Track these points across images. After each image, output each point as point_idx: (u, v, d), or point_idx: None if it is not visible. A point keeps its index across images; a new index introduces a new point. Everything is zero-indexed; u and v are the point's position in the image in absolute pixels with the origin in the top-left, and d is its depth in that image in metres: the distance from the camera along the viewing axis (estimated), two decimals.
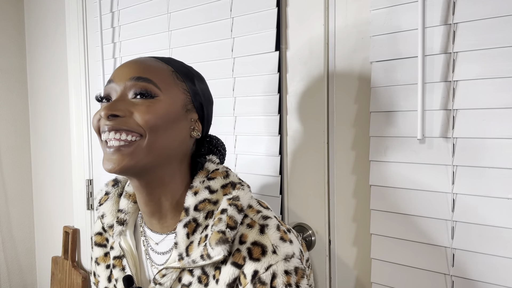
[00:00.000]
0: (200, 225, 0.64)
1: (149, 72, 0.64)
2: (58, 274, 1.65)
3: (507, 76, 0.69)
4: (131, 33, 1.29)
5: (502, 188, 0.70)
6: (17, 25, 1.79)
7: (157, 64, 0.66)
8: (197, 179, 0.68)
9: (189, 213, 0.65)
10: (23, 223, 1.83)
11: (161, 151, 0.63)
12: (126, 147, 0.61)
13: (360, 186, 0.89)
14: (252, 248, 0.60)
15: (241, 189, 0.66)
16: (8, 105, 1.77)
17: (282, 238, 0.61)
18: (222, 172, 0.69)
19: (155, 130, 0.62)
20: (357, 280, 0.91)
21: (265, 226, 0.62)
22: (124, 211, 0.75)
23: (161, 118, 0.62)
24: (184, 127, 0.66)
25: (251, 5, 1.00)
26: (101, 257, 0.79)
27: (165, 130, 0.63)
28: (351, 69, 0.89)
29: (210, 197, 0.66)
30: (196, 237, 0.64)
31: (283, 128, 0.99)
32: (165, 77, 0.65)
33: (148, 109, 0.61)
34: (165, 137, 0.63)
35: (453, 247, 0.75)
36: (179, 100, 0.66)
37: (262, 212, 0.65)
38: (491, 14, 0.70)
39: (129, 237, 0.74)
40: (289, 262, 0.60)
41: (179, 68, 0.69)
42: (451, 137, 0.75)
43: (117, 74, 0.65)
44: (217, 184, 0.67)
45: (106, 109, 0.61)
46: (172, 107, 0.64)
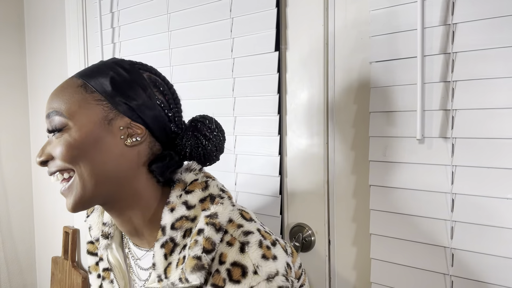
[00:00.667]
0: (178, 244, 0.61)
1: (55, 100, 0.61)
2: (58, 274, 1.65)
3: (506, 76, 0.69)
4: (131, 34, 1.29)
5: (501, 188, 0.70)
6: (17, 25, 1.79)
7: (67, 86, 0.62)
8: (174, 193, 0.63)
9: (165, 232, 0.61)
10: (23, 223, 1.83)
11: (97, 178, 0.60)
12: (66, 187, 0.61)
13: (360, 186, 0.89)
14: (231, 269, 0.56)
15: (220, 204, 0.61)
16: (8, 105, 1.77)
17: (264, 256, 0.57)
18: (201, 183, 0.64)
19: (75, 161, 0.59)
20: (356, 280, 0.91)
21: (245, 244, 0.58)
22: (107, 224, 0.73)
23: (73, 149, 0.58)
24: (111, 143, 0.60)
25: (251, 5, 1.00)
26: (93, 265, 0.77)
27: (88, 155, 0.59)
28: (350, 69, 0.89)
29: (187, 214, 0.61)
30: (174, 257, 0.60)
31: (282, 128, 0.99)
32: (70, 98, 0.60)
33: (58, 144, 0.59)
34: (94, 162, 0.59)
35: (453, 247, 0.75)
36: (93, 116, 0.59)
37: (243, 226, 0.60)
38: (490, 14, 0.70)
39: (115, 251, 0.72)
40: (272, 282, 0.56)
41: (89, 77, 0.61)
42: (451, 137, 0.75)
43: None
44: (194, 199, 0.62)
45: (36, 156, 0.61)
46: (84, 129, 0.59)
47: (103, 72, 0.62)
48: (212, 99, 1.09)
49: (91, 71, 0.62)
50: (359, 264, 0.90)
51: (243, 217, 0.62)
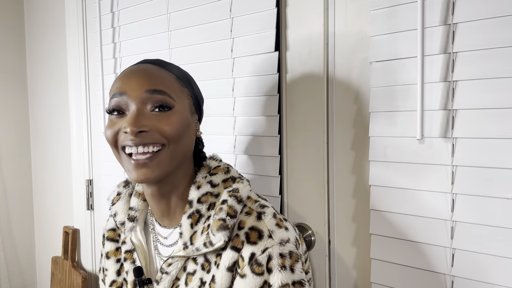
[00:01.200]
0: (203, 216, 0.69)
1: (161, 83, 0.67)
2: (58, 274, 1.65)
3: (507, 76, 0.69)
4: (131, 33, 1.29)
5: (501, 188, 0.70)
6: (17, 25, 1.79)
7: (164, 74, 0.69)
8: (200, 175, 0.73)
9: (192, 205, 0.70)
10: (23, 223, 1.83)
11: (180, 156, 0.69)
12: (151, 159, 0.65)
13: (360, 186, 0.89)
14: (249, 233, 0.64)
15: (241, 182, 0.71)
16: (8, 105, 1.77)
17: (278, 225, 0.65)
18: (223, 168, 0.74)
19: (176, 140, 0.67)
20: (356, 280, 0.91)
21: (262, 214, 0.67)
22: (134, 208, 0.79)
23: (180, 127, 0.67)
24: (192, 130, 0.72)
25: (251, 5, 1.00)
26: (112, 251, 0.83)
27: (182, 137, 0.68)
28: (350, 69, 0.89)
29: (212, 191, 0.71)
30: (200, 227, 0.68)
31: (283, 128, 0.99)
32: (174, 86, 0.69)
33: (169, 122, 0.66)
34: (183, 142, 0.69)
35: (453, 247, 0.75)
36: (187, 106, 0.71)
37: (260, 201, 0.69)
38: (490, 14, 0.70)
39: (139, 233, 0.78)
40: (284, 246, 0.63)
41: (179, 74, 0.72)
42: (451, 137, 0.75)
43: (129, 85, 0.66)
44: (218, 179, 0.72)
45: (132, 126, 0.63)
46: (184, 115, 0.69)
47: (187, 76, 0.74)
48: (212, 99, 1.09)
49: (179, 71, 0.73)
50: (359, 264, 0.90)
51: (259, 196, 0.72)
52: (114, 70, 1.36)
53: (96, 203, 1.53)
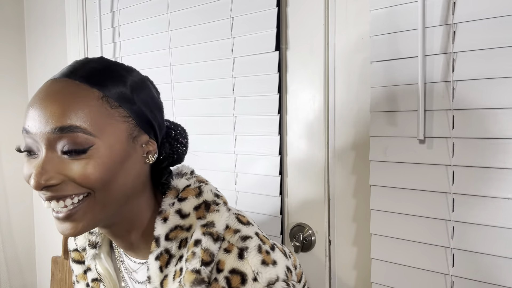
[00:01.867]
0: (174, 256, 0.58)
1: (73, 114, 0.50)
2: (58, 274, 1.65)
3: (507, 76, 0.69)
4: (131, 33, 1.29)
5: (502, 188, 0.70)
6: (17, 25, 1.79)
7: (81, 95, 0.51)
8: (166, 201, 0.60)
9: (160, 244, 0.58)
10: (23, 223, 1.83)
11: (116, 199, 0.54)
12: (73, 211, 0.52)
13: (360, 186, 0.89)
14: (230, 277, 0.54)
15: (216, 211, 0.59)
16: (8, 105, 1.77)
17: (264, 262, 0.55)
18: (194, 189, 0.61)
19: (103, 186, 0.52)
20: (357, 280, 0.91)
21: (244, 250, 0.56)
22: (94, 233, 0.69)
23: (105, 172, 0.51)
24: (135, 160, 0.56)
25: (251, 5, 1.00)
26: (81, 274, 0.73)
27: (114, 178, 0.53)
28: (351, 69, 0.89)
29: (182, 223, 0.58)
30: (171, 270, 0.58)
31: (283, 128, 0.99)
32: (95, 113, 0.51)
33: (85, 169, 0.50)
34: (117, 184, 0.53)
35: (453, 247, 0.75)
36: (121, 134, 0.53)
37: (240, 231, 0.58)
38: (491, 14, 0.70)
39: (104, 260, 0.68)
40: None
41: (111, 88, 0.54)
42: (451, 137, 0.75)
43: (33, 123, 0.51)
44: (188, 207, 0.59)
45: (36, 181, 0.49)
46: (114, 149, 0.52)
47: (123, 87, 0.55)
48: (212, 99, 1.08)
49: (102, 78, 0.54)
50: (359, 264, 0.90)
51: (240, 221, 0.60)
52: None
53: None
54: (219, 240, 0.57)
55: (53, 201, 0.51)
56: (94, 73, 0.54)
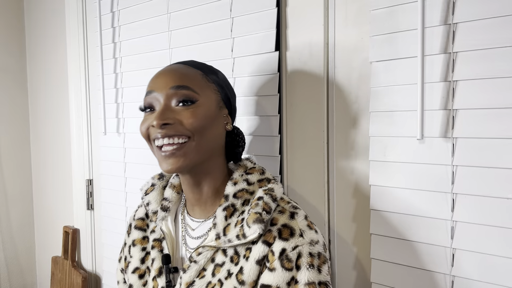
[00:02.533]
0: (237, 210, 0.72)
1: (186, 79, 0.72)
2: (58, 274, 1.65)
3: (507, 76, 0.69)
4: (131, 33, 1.29)
5: (502, 188, 0.70)
6: (17, 25, 1.79)
7: (190, 71, 0.74)
8: (237, 173, 0.77)
9: (228, 199, 0.73)
10: (23, 223, 1.83)
11: (207, 148, 0.73)
12: (178, 150, 0.70)
13: (360, 186, 0.89)
14: (282, 229, 0.68)
15: (276, 183, 0.75)
16: (8, 105, 1.77)
17: (309, 226, 0.69)
18: (258, 169, 0.78)
19: (200, 132, 0.70)
20: (357, 280, 0.91)
21: (294, 214, 0.70)
22: (168, 199, 0.83)
23: (203, 120, 0.71)
24: (220, 123, 0.76)
25: (251, 5, 1.00)
26: (139, 239, 0.86)
27: (208, 129, 0.72)
28: (350, 69, 0.89)
29: (247, 188, 0.74)
30: (233, 220, 0.71)
31: (283, 128, 0.99)
32: (199, 82, 0.73)
33: (192, 115, 0.70)
34: (208, 135, 0.72)
35: (453, 247, 0.75)
36: (214, 100, 0.74)
37: (291, 203, 0.73)
38: (491, 14, 0.70)
39: (169, 223, 0.82)
40: (314, 246, 0.66)
41: (206, 71, 0.77)
42: (451, 137, 0.75)
43: (157, 84, 0.73)
44: (254, 178, 0.76)
45: (157, 119, 0.69)
46: (210, 108, 0.73)
47: (214, 72, 0.79)
48: None
49: (207, 69, 0.78)
50: (359, 264, 0.90)
51: (291, 200, 0.75)
52: (114, 70, 1.36)
53: (96, 203, 1.53)
54: (276, 201, 0.71)
55: (166, 138, 0.69)
56: (198, 64, 0.79)
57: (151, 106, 0.73)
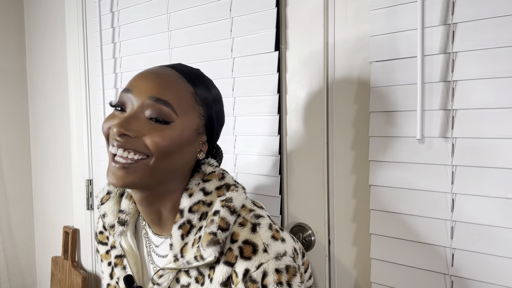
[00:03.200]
0: (194, 226, 0.65)
1: (169, 93, 0.63)
2: (58, 274, 1.65)
3: (506, 76, 0.69)
4: (131, 33, 1.29)
5: (501, 188, 0.70)
6: (17, 25, 1.79)
7: (179, 84, 0.65)
8: (193, 181, 0.69)
9: (183, 215, 0.66)
10: (23, 223, 1.83)
11: (165, 173, 0.64)
12: (131, 165, 0.62)
13: (360, 186, 0.89)
14: (243, 247, 0.61)
15: (235, 191, 0.67)
16: (8, 105, 1.77)
17: (273, 237, 0.62)
18: (218, 174, 0.70)
19: (163, 155, 0.62)
20: (356, 280, 0.91)
21: (257, 225, 0.63)
22: (125, 211, 0.76)
23: (171, 145, 0.62)
24: (192, 150, 0.67)
25: (251, 5, 1.00)
26: (104, 254, 0.81)
27: (173, 154, 0.63)
28: (350, 69, 0.89)
29: (204, 199, 0.67)
30: (191, 238, 0.65)
31: (282, 128, 0.99)
32: (184, 100, 0.64)
33: (160, 135, 0.61)
34: (172, 160, 0.64)
35: (453, 247, 0.75)
36: (193, 125, 0.66)
37: (255, 211, 0.66)
38: (490, 14, 0.70)
39: (129, 237, 0.75)
40: (280, 260, 0.60)
41: (200, 90, 0.68)
42: (451, 137, 0.75)
43: (137, 86, 0.64)
44: (211, 186, 0.68)
45: (118, 126, 0.61)
46: (185, 133, 0.64)
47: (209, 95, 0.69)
48: None
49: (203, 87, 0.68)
50: (359, 264, 0.90)
51: (255, 204, 0.68)
52: (114, 70, 1.36)
53: (96, 203, 1.53)
54: (235, 213, 0.64)
55: (121, 149, 0.61)
56: (193, 75, 0.68)
57: (123, 106, 0.64)
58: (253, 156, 1.03)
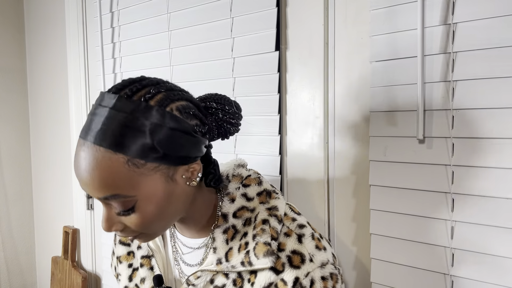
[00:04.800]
0: (239, 232, 0.66)
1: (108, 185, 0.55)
2: (58, 274, 1.65)
3: (506, 76, 0.69)
4: (131, 33, 1.29)
5: (501, 188, 0.70)
6: (17, 25, 1.79)
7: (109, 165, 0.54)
8: (232, 185, 0.70)
9: (228, 220, 0.67)
10: (23, 223, 1.83)
11: (168, 218, 0.62)
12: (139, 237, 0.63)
13: (360, 186, 0.89)
14: (292, 256, 0.63)
15: (277, 198, 0.69)
16: (8, 105, 1.77)
17: (317, 247, 0.65)
18: (255, 179, 0.71)
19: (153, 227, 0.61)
20: (357, 280, 0.91)
21: (302, 236, 0.65)
22: None
23: (153, 217, 0.59)
24: (181, 191, 0.61)
25: (251, 5, 1.00)
26: (124, 255, 0.80)
27: (161, 215, 0.60)
28: (350, 69, 0.89)
29: (247, 205, 0.68)
30: (235, 244, 0.66)
31: (283, 128, 0.99)
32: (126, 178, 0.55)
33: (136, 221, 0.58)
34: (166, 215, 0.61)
35: (453, 247, 0.75)
36: (157, 183, 0.57)
37: (297, 220, 0.68)
38: (490, 14, 0.70)
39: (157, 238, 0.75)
40: (325, 268, 0.63)
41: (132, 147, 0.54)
42: (451, 137, 0.75)
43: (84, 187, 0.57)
44: (253, 192, 0.69)
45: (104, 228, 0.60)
46: (156, 197, 0.58)
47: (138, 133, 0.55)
48: None
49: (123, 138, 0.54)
50: (359, 264, 0.90)
51: (293, 211, 0.69)
52: (114, 70, 1.36)
53: (96, 203, 1.53)
54: (281, 222, 0.66)
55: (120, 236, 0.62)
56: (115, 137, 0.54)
57: None
58: (253, 156, 1.03)
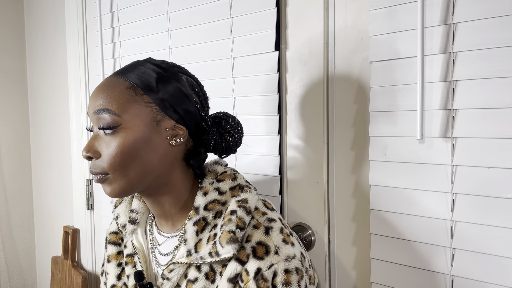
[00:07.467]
0: (209, 224, 0.68)
1: (107, 99, 0.64)
2: (58, 274, 1.65)
3: (507, 76, 0.69)
4: (131, 33, 1.29)
5: (501, 188, 0.70)
6: (17, 25, 1.79)
7: (114, 85, 0.65)
8: (207, 181, 0.71)
9: (199, 212, 0.68)
10: (23, 223, 1.83)
11: (142, 174, 0.65)
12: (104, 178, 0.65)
13: (360, 186, 0.89)
14: (256, 247, 0.64)
15: (249, 192, 0.70)
16: (8, 105, 1.77)
17: (284, 240, 0.65)
18: (230, 174, 0.72)
19: (124, 165, 0.63)
20: (356, 280, 0.91)
21: (269, 229, 0.66)
22: (135, 210, 0.79)
23: (127, 151, 0.63)
24: (159, 142, 0.66)
25: (251, 5, 1.00)
26: (114, 254, 0.82)
27: (136, 157, 0.64)
28: (350, 69, 0.89)
29: (219, 198, 0.69)
30: (205, 235, 0.67)
31: (282, 128, 0.99)
32: (123, 98, 0.64)
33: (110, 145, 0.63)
34: (140, 162, 0.64)
35: (453, 247, 0.75)
36: (144, 117, 0.64)
37: (267, 214, 0.68)
38: (490, 14, 0.70)
39: (140, 236, 0.78)
40: (290, 262, 0.63)
41: (137, 79, 0.66)
42: (451, 137, 0.75)
43: (89, 105, 0.67)
44: (225, 186, 0.71)
45: (84, 150, 0.65)
46: (138, 128, 0.64)
47: (148, 75, 0.66)
48: (212, 99, 1.08)
49: (136, 73, 0.66)
50: (359, 264, 0.90)
51: (266, 206, 0.70)
52: (114, 70, 1.36)
53: (96, 203, 1.53)
54: (250, 214, 0.67)
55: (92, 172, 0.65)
56: (129, 68, 0.68)
57: (92, 128, 0.68)
58: (253, 156, 1.03)
